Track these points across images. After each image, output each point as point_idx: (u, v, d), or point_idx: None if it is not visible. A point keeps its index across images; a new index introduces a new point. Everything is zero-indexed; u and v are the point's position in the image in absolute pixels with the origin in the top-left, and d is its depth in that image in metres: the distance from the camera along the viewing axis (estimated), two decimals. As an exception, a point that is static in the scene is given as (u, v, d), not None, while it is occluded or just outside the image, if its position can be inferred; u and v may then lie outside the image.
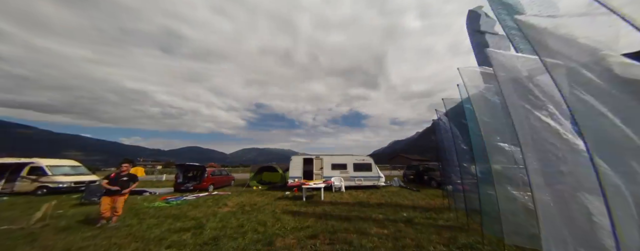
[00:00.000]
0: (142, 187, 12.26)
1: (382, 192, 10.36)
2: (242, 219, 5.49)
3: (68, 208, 6.91)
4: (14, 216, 5.68)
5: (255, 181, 13.86)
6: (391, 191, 10.79)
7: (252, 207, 7.06)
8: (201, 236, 4.26)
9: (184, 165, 12.21)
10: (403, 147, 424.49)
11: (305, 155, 12.61)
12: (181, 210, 6.56)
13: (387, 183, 13.04)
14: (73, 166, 12.18)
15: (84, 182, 10.80)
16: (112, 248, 3.64)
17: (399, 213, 6.09)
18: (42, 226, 4.84)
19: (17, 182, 10.16)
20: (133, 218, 5.62)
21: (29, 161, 10.73)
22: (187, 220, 5.44)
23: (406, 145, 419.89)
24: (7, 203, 7.76)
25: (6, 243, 3.87)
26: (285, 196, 9.47)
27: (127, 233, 4.43)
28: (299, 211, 6.45)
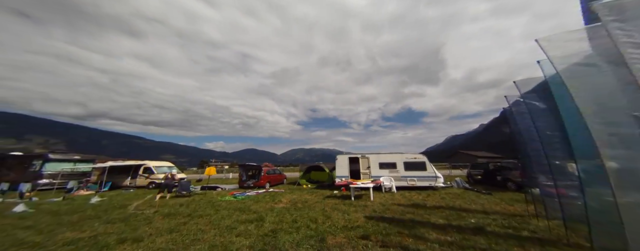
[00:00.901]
0: (215, 184, 14.73)
1: (441, 194, 9.23)
2: (295, 215, 5.90)
3: (169, 199, 8.97)
4: (138, 204, 7.78)
5: (304, 179, 14.63)
6: (453, 193, 9.49)
7: (304, 204, 7.48)
8: (262, 228, 4.80)
9: (244, 165, 14.03)
10: (463, 142, 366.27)
11: (351, 154, 12.48)
12: (245, 204, 7.55)
13: (447, 184, 11.56)
14: (169, 166, 15.72)
15: (178, 178, 13.83)
16: (198, 232, 4.53)
17: (464, 219, 5.31)
18: (154, 212, 6.45)
19: (137, 178, 13.86)
20: (211, 209, 6.82)
21: (142, 163, 14.46)
22: (250, 213, 6.22)
23: (467, 140, 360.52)
24: (133, 194, 10.68)
25: (134, 223, 5.35)
26: (333, 195, 9.63)
27: (207, 221, 5.42)
28: (348, 210, 6.44)
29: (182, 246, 3.77)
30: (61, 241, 3.98)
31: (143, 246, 3.78)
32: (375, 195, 8.87)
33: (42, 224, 5.20)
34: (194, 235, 4.35)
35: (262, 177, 12.86)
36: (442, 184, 10.77)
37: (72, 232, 4.56)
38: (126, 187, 13.38)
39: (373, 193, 8.58)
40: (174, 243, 3.91)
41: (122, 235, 4.33)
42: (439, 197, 8.57)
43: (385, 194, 9.51)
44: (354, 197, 8.39)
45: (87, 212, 6.44)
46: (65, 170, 12.89)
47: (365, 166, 11.74)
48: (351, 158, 12.20)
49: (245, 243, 3.89)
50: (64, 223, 5.25)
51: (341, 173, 11.87)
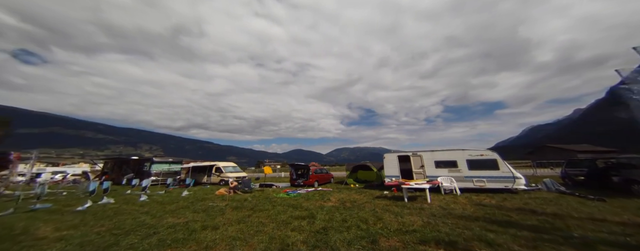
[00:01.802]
0: (271, 181, 16.28)
1: (524, 199, 7.54)
2: (345, 214, 5.92)
3: (235, 194, 10.44)
4: (214, 198, 9.35)
5: (351, 179, 14.51)
6: (542, 198, 7.63)
7: (353, 204, 7.42)
8: (314, 225, 5.02)
9: (294, 165, 14.97)
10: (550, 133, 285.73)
11: (400, 152, 11.63)
12: (297, 202, 8.05)
13: (532, 186, 9.39)
14: (234, 166, 18.29)
15: (240, 177, 15.95)
16: (260, 225, 5.11)
17: (563, 231, 4.20)
18: (225, 205, 7.63)
19: (211, 176, 16.67)
20: (269, 204, 7.58)
21: (213, 163, 17.28)
22: (302, 210, 6.59)
23: (556, 131, 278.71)
24: (209, 190, 12.89)
25: (212, 213, 6.46)
26: (383, 195, 9.19)
27: (266, 215, 6.05)
28: (401, 212, 6.03)
29: (248, 235, 4.32)
30: (166, 225, 5.18)
31: (219, 233, 4.52)
32: (434, 197, 8.01)
33: (154, 211, 6.88)
34: (256, 226, 4.92)
35: (310, 176, 13.46)
36: (523, 186, 8.80)
37: (172, 218, 5.87)
38: (204, 184, 16.28)
39: (430, 195, 7.77)
40: (241, 232, 4.53)
41: (204, 222, 5.30)
42: (521, 202, 7.05)
43: (445, 196, 8.46)
44: (407, 199, 7.79)
45: (180, 203, 8.16)
46: (164, 169, 16.71)
47: (417, 165, 10.75)
48: (401, 157, 11.37)
49: (299, 238, 4.15)
50: (167, 211, 6.80)
51: (391, 173, 11.22)
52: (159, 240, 4.09)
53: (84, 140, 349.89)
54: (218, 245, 3.88)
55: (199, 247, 3.78)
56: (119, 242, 4.03)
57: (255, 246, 3.77)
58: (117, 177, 16.86)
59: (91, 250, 3.71)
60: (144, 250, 3.67)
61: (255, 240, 4.09)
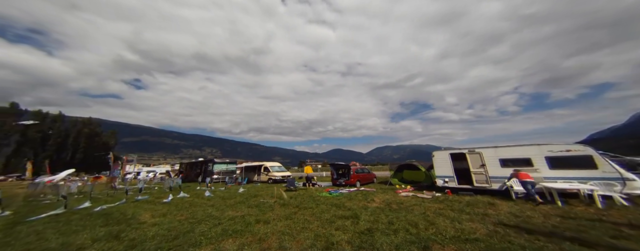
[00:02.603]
0: (313, 181, 16.77)
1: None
2: (391, 216, 5.62)
3: (282, 192, 11.20)
4: (265, 194, 10.25)
5: (396, 179, 13.66)
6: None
7: (399, 205, 6.98)
8: (358, 225, 4.94)
9: (335, 164, 15.06)
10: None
11: (452, 149, 10.30)
12: (340, 201, 8.07)
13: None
14: (279, 166, 19.65)
15: (285, 176, 17.03)
16: (305, 222, 5.33)
17: None
18: (274, 201, 8.26)
19: (260, 175, 18.30)
20: (312, 202, 7.84)
21: (262, 163, 18.93)
22: (345, 209, 6.57)
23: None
24: (259, 187, 14.19)
25: (263, 209, 7.09)
26: (435, 197, 8.33)
27: (311, 213, 6.27)
28: (459, 218, 5.34)
29: (295, 231, 4.57)
30: (227, 217, 5.95)
31: (270, 227, 4.93)
32: (501, 202, 6.83)
33: (217, 204, 8.01)
34: (302, 223, 5.16)
35: (351, 175, 13.30)
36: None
37: (232, 211, 6.71)
38: (255, 182, 18.03)
39: (499, 199, 6.64)
40: (289, 228, 4.82)
41: (257, 217, 5.87)
42: (638, 212, 5.32)
43: (516, 201, 7.09)
44: (466, 203, 6.87)
45: (237, 198, 9.25)
46: (223, 169, 19.25)
47: (476, 164, 9.32)
48: (454, 155, 10.06)
49: (343, 237, 4.15)
50: (227, 205, 7.82)
51: (443, 173, 10.07)
52: (222, 230, 4.73)
53: (164, 145, 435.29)
54: (269, 238, 4.23)
55: (254, 238, 4.20)
56: (194, 229, 4.84)
57: (302, 242, 3.95)
58: (190, 176, 20.35)
59: (175, 233, 4.58)
60: (211, 237, 4.31)
61: (301, 236, 4.29)
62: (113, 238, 4.35)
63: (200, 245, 3.88)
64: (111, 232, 4.68)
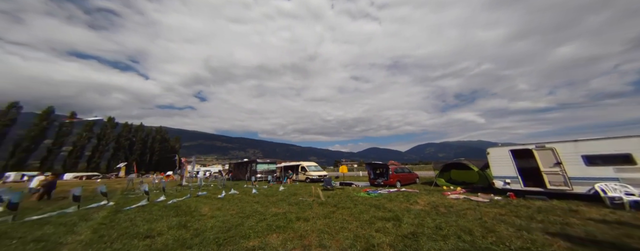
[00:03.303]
0: (349, 180, 16.61)
1: None
2: (438, 220, 5.12)
3: (320, 191, 11.42)
4: (304, 193, 10.64)
5: (443, 180, 12.39)
6: None
7: (448, 209, 6.30)
8: (400, 228, 4.66)
9: (372, 164, 14.57)
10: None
11: (512, 146, 8.76)
12: (379, 202, 7.76)
13: None
14: (315, 165, 20.11)
15: (322, 175, 17.32)
16: (344, 222, 5.31)
17: None
18: (312, 200, 8.49)
19: (298, 175, 19.04)
20: (350, 202, 7.75)
21: (299, 163, 19.67)
22: (386, 211, 6.28)
23: None
24: (297, 186, 14.78)
25: (303, 207, 7.36)
26: (493, 201, 7.23)
27: (349, 213, 6.21)
28: (528, 226, 4.51)
29: (334, 230, 4.59)
30: (271, 213, 6.39)
31: (310, 224, 5.08)
32: (589, 209, 5.51)
33: (262, 201, 8.68)
34: (341, 223, 5.15)
35: (390, 175, 12.65)
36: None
37: (275, 208, 7.18)
38: (294, 181, 18.87)
39: (583, 205, 5.39)
40: (328, 227, 4.88)
41: (297, 214, 6.12)
42: None
43: (614, 210, 5.59)
44: (537, 209, 5.77)
45: (279, 196, 9.85)
46: (265, 168, 20.77)
47: (548, 162, 7.71)
48: (517, 151, 8.55)
49: (384, 239, 3.97)
50: (271, 202, 8.39)
51: (502, 173, 8.68)
52: (267, 225, 5.10)
53: (216, 148, 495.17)
54: (309, 235, 4.36)
55: (295, 235, 4.39)
56: (243, 223, 5.36)
57: (342, 242, 3.94)
58: (238, 175, 22.61)
59: (229, 226, 5.15)
60: (258, 231, 4.69)
61: (340, 236, 4.28)
62: (182, 226, 5.16)
63: (249, 238, 4.27)
64: (180, 222, 5.56)
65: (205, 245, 3.92)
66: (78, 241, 4.30)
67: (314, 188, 8.88)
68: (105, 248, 3.90)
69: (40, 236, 4.57)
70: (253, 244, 3.93)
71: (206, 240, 4.13)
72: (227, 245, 3.94)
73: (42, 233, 4.79)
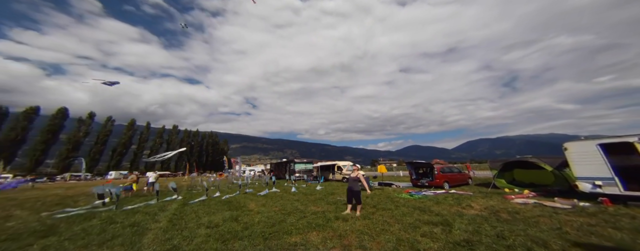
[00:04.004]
0: (389, 180, 15.82)
1: None
2: (499, 228, 4.41)
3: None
4: (341, 192, 10.63)
5: (503, 181, 10.65)
6: None
7: (513, 216, 5.38)
8: (451, 234, 4.19)
9: (413, 163, 13.55)
10: None
11: (600, 138, 6.87)
12: (424, 204, 7.16)
13: None
14: (351, 165, 19.83)
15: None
16: (385, 224, 5.07)
17: None
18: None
19: (334, 174, 19.09)
20: (391, 204, 7.38)
21: (335, 163, 19.71)
22: (432, 214, 5.75)
23: None
24: (333, 186, 14.82)
25: (340, 206, 7.33)
26: (577, 208, 5.85)
27: (390, 214, 5.90)
28: (636, 243, 3.49)
29: (375, 232, 4.43)
30: (310, 211, 6.59)
31: (349, 225, 5.03)
32: None
33: (301, 200, 9.02)
34: (381, 225, 4.94)
35: (436, 175, 11.53)
36: None
37: (314, 207, 7.37)
38: (330, 180, 19.03)
39: None
40: (368, 228, 4.74)
41: (335, 213, 6.15)
42: None
43: None
44: (643, 219, 4.45)
45: (317, 195, 10.07)
46: (302, 168, 21.53)
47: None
48: (610, 146, 6.72)
49: (432, 245, 3.64)
50: (310, 201, 8.65)
51: (590, 173, 6.93)
52: (307, 223, 5.27)
53: (258, 149, 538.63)
54: (349, 235, 4.32)
55: (335, 234, 4.41)
56: (285, 219, 5.67)
57: (383, 245, 3.77)
58: (278, 174, 24.06)
59: (273, 221, 5.52)
60: (299, 228, 4.89)
61: (381, 238, 4.11)
62: (234, 220, 5.78)
63: (291, 234, 4.49)
64: (232, 215, 6.24)
65: (253, 237, 4.30)
66: (158, 227, 5.27)
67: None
68: (178, 234, 4.66)
69: (134, 222, 5.77)
70: (295, 240, 4.12)
71: (254, 233, 4.52)
72: (272, 239, 4.23)
73: (134, 220, 6.03)
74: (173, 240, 4.30)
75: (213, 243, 4.06)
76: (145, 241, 4.25)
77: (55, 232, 5.00)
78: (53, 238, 4.59)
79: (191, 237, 4.44)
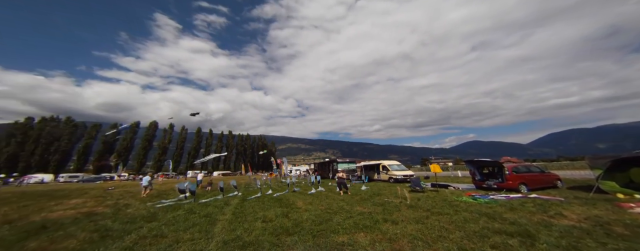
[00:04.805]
0: (444, 182, 14.13)
1: None
2: (611, 245, 3.35)
3: (406, 192, 10.43)
4: (388, 193, 10.09)
5: (613, 183, 8.06)
6: None
7: (631, 230, 4.01)
8: (534, 248, 3.41)
9: (476, 161, 11.67)
10: None
11: None
12: (493, 210, 6.08)
13: None
14: (398, 164, 18.57)
15: (408, 175, 15.75)
16: (442, 230, 4.53)
17: None
18: (399, 202, 7.87)
19: (379, 174, 18.22)
20: (449, 208, 6.55)
21: (379, 162, 18.81)
22: (505, 223, 4.82)
23: None
24: (379, 186, 14.15)
25: (389, 208, 6.95)
26: None
27: (448, 220, 5.24)
28: None
29: (430, 239, 4.01)
30: (356, 212, 6.48)
31: (399, 228, 4.71)
32: None
33: (346, 200, 8.98)
34: (438, 231, 4.44)
35: (508, 176, 9.66)
36: None
37: (360, 207, 7.22)
38: (376, 180, 18.29)
39: None
40: (422, 233, 4.33)
41: (383, 215, 5.86)
42: None
43: None
44: None
45: (362, 195, 9.84)
46: (345, 168, 21.42)
47: None
48: None
49: (510, 261, 3.03)
50: (355, 201, 8.53)
51: None
52: (354, 223, 5.21)
53: (301, 149, 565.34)
54: (400, 239, 4.04)
55: (384, 237, 4.20)
56: (332, 218, 5.74)
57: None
58: (322, 173, 24.65)
59: (320, 219, 5.68)
60: (346, 227, 4.87)
61: (439, 245, 3.69)
62: (284, 216, 6.21)
63: (338, 233, 4.52)
64: (283, 212, 6.72)
65: (303, 234, 4.52)
66: (225, 219, 6.13)
67: (399, 189, 8.18)
68: (239, 226, 5.32)
69: (207, 214, 6.88)
70: (342, 240, 4.12)
71: (303, 230, 4.75)
72: (320, 237, 4.35)
73: (207, 212, 7.19)
74: (236, 230, 4.93)
75: (268, 236, 4.46)
76: (216, 230, 5.01)
77: (156, 218, 6.44)
78: (155, 223, 5.92)
79: (250, 229, 4.99)
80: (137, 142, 56.16)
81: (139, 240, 4.41)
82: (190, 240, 4.35)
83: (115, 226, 5.56)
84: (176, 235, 4.69)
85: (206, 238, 4.49)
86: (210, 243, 4.19)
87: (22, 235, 4.99)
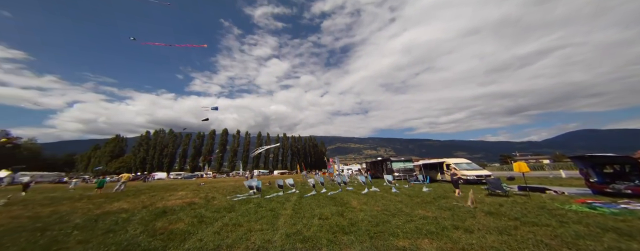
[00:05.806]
0: (539, 184, 11.16)
1: None
2: None
3: (483, 196, 8.75)
4: (455, 197, 8.74)
5: None
6: None
7: None
8: None
9: (588, 157, 8.69)
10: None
11: None
12: (628, 225, 4.38)
13: None
14: (468, 162, 15.83)
15: (483, 175, 13.21)
16: (540, 245, 3.55)
17: None
18: (473, 207, 6.68)
19: (444, 174, 15.96)
20: (550, 218, 5.12)
21: (442, 160, 16.51)
22: (654, 244, 3.37)
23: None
24: (444, 188, 12.38)
25: (459, 214, 5.99)
26: None
27: (550, 234, 4.08)
28: None
29: (524, 255, 3.22)
30: (418, 216, 5.89)
31: (475, 238, 4.00)
32: None
33: (405, 201, 8.31)
34: (534, 246, 3.53)
35: (651, 178, 6.77)
36: None
37: (422, 210, 6.55)
38: (439, 181, 16.18)
39: None
40: (509, 247, 3.54)
41: (453, 222, 5.10)
42: None
43: None
44: None
45: (424, 198, 8.89)
46: (401, 167, 19.86)
47: None
48: None
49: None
50: (415, 203, 7.79)
51: None
52: (415, 227, 4.75)
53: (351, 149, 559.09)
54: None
55: (454, 246, 3.65)
56: (390, 221, 5.42)
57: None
58: (374, 173, 23.70)
59: (377, 221, 5.46)
60: (406, 232, 4.50)
61: (539, 265, 2.91)
62: (340, 215, 6.29)
63: (397, 237, 4.22)
64: (338, 211, 6.82)
65: (359, 234, 4.45)
66: (286, 214, 6.73)
67: (471, 192, 6.91)
68: (298, 221, 5.72)
69: (271, 208, 7.72)
70: (403, 244, 3.83)
71: (359, 230, 4.67)
72: (377, 239, 4.17)
73: (271, 206, 8.07)
74: (297, 225, 5.32)
75: (325, 233, 4.61)
76: (279, 223, 5.56)
77: (233, 210, 7.69)
78: (233, 213, 7.08)
79: (309, 225, 5.29)
80: (215, 146, 69.14)
81: (223, 226, 5.37)
82: (260, 230, 4.98)
83: (207, 214, 6.94)
84: (249, 225, 5.46)
85: (272, 229, 5.04)
86: (275, 234, 4.68)
87: (152, 216, 6.89)
